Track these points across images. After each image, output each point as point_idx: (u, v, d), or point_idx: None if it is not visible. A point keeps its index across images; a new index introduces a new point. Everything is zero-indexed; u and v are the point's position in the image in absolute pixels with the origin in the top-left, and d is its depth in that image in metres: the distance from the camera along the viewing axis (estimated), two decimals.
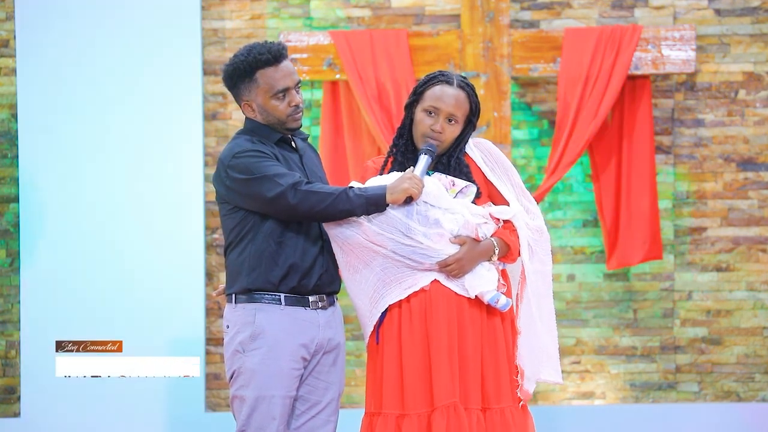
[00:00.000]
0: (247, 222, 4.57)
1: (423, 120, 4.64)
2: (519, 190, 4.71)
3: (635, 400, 7.75)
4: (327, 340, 4.65)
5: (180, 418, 7.61)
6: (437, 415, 4.45)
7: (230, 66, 4.62)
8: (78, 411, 7.54)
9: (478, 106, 4.70)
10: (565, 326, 7.69)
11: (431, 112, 4.63)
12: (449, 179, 4.61)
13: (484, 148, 4.74)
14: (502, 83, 7.41)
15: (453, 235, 4.54)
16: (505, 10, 7.42)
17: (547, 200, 7.71)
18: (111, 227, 7.59)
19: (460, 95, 4.64)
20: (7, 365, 7.79)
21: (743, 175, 7.74)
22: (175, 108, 7.64)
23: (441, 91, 4.64)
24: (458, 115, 4.64)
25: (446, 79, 4.66)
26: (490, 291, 4.53)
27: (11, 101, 7.77)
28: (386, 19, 7.78)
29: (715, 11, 7.74)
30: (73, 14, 7.61)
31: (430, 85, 4.66)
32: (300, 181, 4.48)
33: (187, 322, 7.61)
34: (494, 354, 4.55)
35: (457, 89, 4.64)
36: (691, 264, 7.73)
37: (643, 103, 7.55)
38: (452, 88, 4.64)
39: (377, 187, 4.51)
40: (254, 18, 7.81)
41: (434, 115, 4.63)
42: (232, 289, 4.61)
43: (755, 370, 7.73)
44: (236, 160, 4.54)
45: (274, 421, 4.54)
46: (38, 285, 7.58)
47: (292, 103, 4.63)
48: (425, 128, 4.64)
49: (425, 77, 4.71)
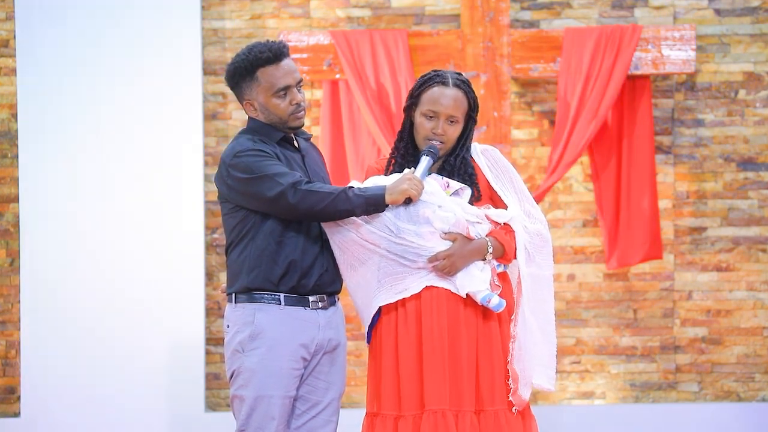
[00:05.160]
0: (248, 221, 4.57)
1: (423, 124, 4.63)
2: (522, 196, 4.69)
3: (635, 400, 7.75)
4: (327, 340, 4.65)
5: (180, 418, 7.61)
6: (425, 419, 4.45)
7: (232, 65, 4.63)
8: (78, 411, 7.54)
9: (476, 101, 4.68)
10: (565, 326, 7.69)
11: (430, 116, 4.62)
12: (444, 180, 4.60)
13: (491, 156, 4.72)
14: (502, 83, 7.41)
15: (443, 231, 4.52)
16: (505, 10, 7.42)
17: (547, 200, 7.71)
18: (111, 227, 7.59)
19: (458, 95, 4.63)
20: (7, 365, 7.79)
21: (743, 175, 7.74)
22: (175, 108, 7.64)
23: (438, 94, 4.61)
24: (458, 115, 4.63)
25: (441, 80, 4.63)
26: (481, 290, 4.50)
27: (11, 101, 7.77)
28: (386, 19, 7.78)
29: (715, 11, 7.74)
30: (73, 14, 7.61)
31: (426, 87, 4.63)
32: (300, 181, 4.48)
33: (187, 322, 7.61)
34: (489, 356, 4.54)
35: (454, 89, 4.62)
36: (691, 264, 7.74)
37: (643, 103, 7.55)
38: (449, 89, 4.62)
39: (377, 187, 4.51)
40: (254, 18, 7.81)
41: (434, 119, 4.61)
42: (232, 288, 4.62)
43: (755, 370, 7.73)
44: (237, 159, 4.54)
45: (273, 420, 4.54)
46: (38, 285, 7.58)
47: (294, 101, 4.62)
48: (426, 132, 4.62)
49: (420, 79, 4.68)
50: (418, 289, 4.53)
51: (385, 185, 4.50)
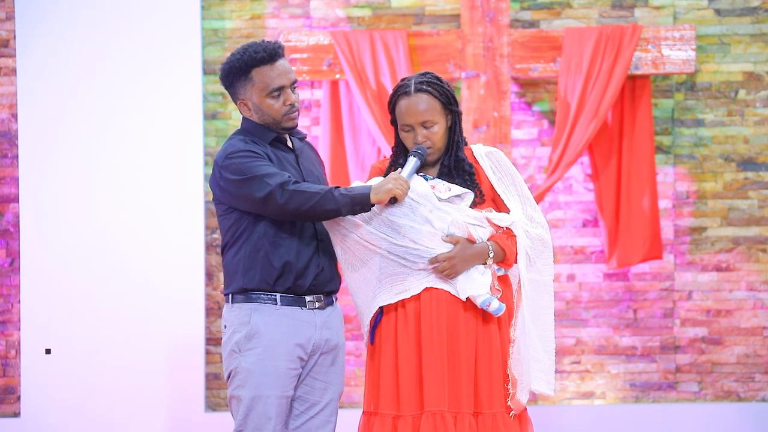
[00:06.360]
0: (242, 222, 4.57)
1: (405, 138, 4.67)
2: (525, 199, 4.69)
3: (635, 400, 7.74)
4: (324, 340, 4.65)
5: (180, 418, 7.61)
6: (425, 420, 4.46)
7: (226, 65, 4.63)
8: (78, 411, 7.54)
9: (448, 94, 4.65)
10: (565, 326, 7.69)
11: (407, 129, 4.64)
12: (446, 185, 4.61)
13: (495, 158, 4.72)
14: (502, 83, 7.41)
15: (445, 234, 4.53)
16: (505, 10, 7.42)
17: (547, 200, 7.71)
18: (111, 227, 7.59)
19: (422, 99, 4.62)
20: (7, 365, 7.80)
21: (743, 175, 7.74)
22: (175, 108, 7.64)
23: (405, 106, 4.62)
24: (430, 117, 4.62)
25: (405, 90, 4.64)
26: (481, 294, 4.50)
27: (11, 101, 7.77)
28: (386, 19, 7.78)
29: (715, 11, 7.74)
30: (73, 14, 7.61)
31: (395, 102, 4.66)
32: (287, 181, 4.48)
33: (187, 322, 7.61)
34: (488, 359, 4.54)
35: (417, 95, 4.62)
36: (691, 264, 7.73)
37: (643, 103, 7.55)
38: (412, 97, 4.61)
39: (362, 186, 4.52)
40: (254, 18, 7.81)
41: (410, 131, 4.64)
42: (228, 289, 4.63)
43: (755, 370, 7.72)
44: (229, 161, 4.55)
45: (270, 421, 4.54)
46: (38, 285, 7.58)
47: (288, 102, 4.63)
48: (410, 145, 4.65)
49: (391, 93, 4.70)
50: (418, 290, 4.53)
51: (370, 185, 4.51)
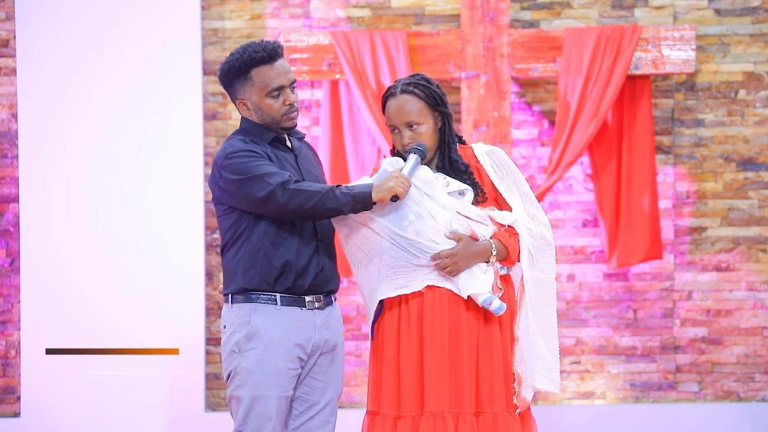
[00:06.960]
0: (242, 222, 4.57)
1: (396, 140, 4.68)
2: (527, 198, 4.69)
3: (635, 400, 7.74)
4: (324, 340, 4.65)
5: (180, 418, 7.61)
6: (424, 421, 4.46)
7: (226, 64, 4.63)
8: (78, 411, 7.54)
9: (435, 95, 4.65)
10: (565, 326, 7.69)
11: (395, 131, 4.65)
12: (445, 180, 4.61)
13: (496, 157, 4.72)
14: (502, 83, 7.41)
15: (447, 230, 4.53)
16: (505, 10, 7.42)
17: (547, 200, 7.71)
18: (111, 227, 7.59)
19: (406, 100, 4.62)
20: (7, 365, 7.80)
21: (743, 175, 7.74)
22: (174, 108, 7.64)
23: (391, 108, 4.65)
24: (415, 118, 4.62)
25: (391, 93, 4.66)
26: (483, 293, 4.49)
27: (11, 101, 7.77)
28: (386, 19, 7.78)
29: (715, 11, 7.73)
30: (73, 14, 7.61)
31: (385, 105, 4.68)
32: (288, 180, 4.48)
33: (187, 322, 7.61)
34: (490, 359, 4.54)
35: (401, 96, 4.63)
36: (691, 264, 7.73)
37: (643, 103, 7.55)
38: (397, 99, 4.63)
39: (363, 185, 4.52)
40: (254, 18, 7.81)
41: (398, 132, 4.64)
42: (228, 289, 4.62)
43: (755, 370, 7.72)
44: (228, 161, 4.55)
45: (270, 421, 4.54)
46: (38, 285, 7.58)
47: (287, 101, 4.63)
48: (399, 147, 4.67)
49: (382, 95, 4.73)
50: (418, 287, 4.53)
51: (371, 183, 4.50)
